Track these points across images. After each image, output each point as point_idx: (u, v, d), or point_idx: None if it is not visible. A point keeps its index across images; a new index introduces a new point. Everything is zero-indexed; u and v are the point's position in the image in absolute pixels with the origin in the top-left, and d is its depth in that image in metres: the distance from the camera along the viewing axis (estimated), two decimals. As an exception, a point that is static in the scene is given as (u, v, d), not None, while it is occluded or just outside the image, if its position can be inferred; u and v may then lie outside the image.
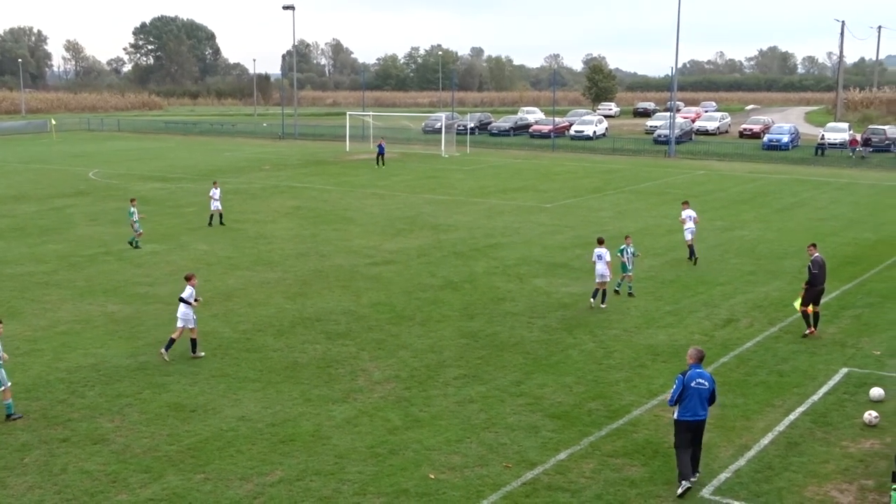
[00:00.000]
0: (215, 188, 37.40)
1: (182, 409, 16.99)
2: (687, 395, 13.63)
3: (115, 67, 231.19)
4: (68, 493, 13.60)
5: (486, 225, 37.49)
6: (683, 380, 13.64)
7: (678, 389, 13.64)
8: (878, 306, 24.91)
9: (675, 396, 13.70)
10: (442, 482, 14.09)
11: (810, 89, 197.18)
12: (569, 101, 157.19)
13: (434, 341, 21.34)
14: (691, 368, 13.82)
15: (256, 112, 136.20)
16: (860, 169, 62.28)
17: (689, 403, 13.65)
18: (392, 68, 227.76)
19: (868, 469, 14.71)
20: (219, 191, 37.31)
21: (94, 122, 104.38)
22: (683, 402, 13.66)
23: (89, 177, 53.96)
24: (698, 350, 14.16)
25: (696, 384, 13.67)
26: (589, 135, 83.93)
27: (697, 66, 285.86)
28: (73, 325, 22.39)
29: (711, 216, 39.72)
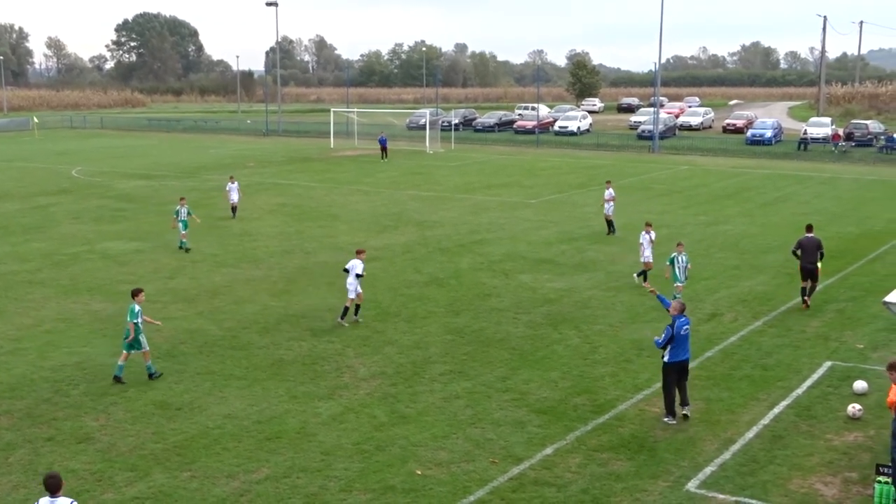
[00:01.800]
0: (232, 182, 38.62)
1: (168, 407, 16.95)
2: (676, 341, 16.08)
3: (97, 65, 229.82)
4: (53, 493, 13.53)
5: (471, 221, 37.51)
6: (672, 329, 15.99)
7: (668, 336, 16.00)
8: (861, 300, 25.07)
9: (664, 342, 16.07)
10: (428, 478, 14.11)
11: (793, 84, 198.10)
12: (553, 96, 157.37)
13: (420, 337, 21.35)
14: (676, 319, 16.11)
15: (240, 109, 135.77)
16: (843, 163, 62.63)
17: (678, 348, 16.17)
18: (376, 64, 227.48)
19: (852, 462, 14.82)
20: (236, 184, 38.62)
21: (77, 120, 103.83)
22: (673, 349, 16.10)
23: (72, 175, 53.69)
24: (681, 303, 16.78)
25: (683, 331, 16.14)
26: (573, 130, 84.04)
27: (681, 61, 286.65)
28: (57, 324, 22.29)
29: (695, 211, 39.88)
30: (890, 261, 30.43)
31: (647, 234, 26.59)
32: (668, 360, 16.18)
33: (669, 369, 16.26)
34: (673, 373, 16.25)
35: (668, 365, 16.24)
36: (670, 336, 16.01)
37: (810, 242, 24.25)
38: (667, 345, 16.09)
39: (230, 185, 38.60)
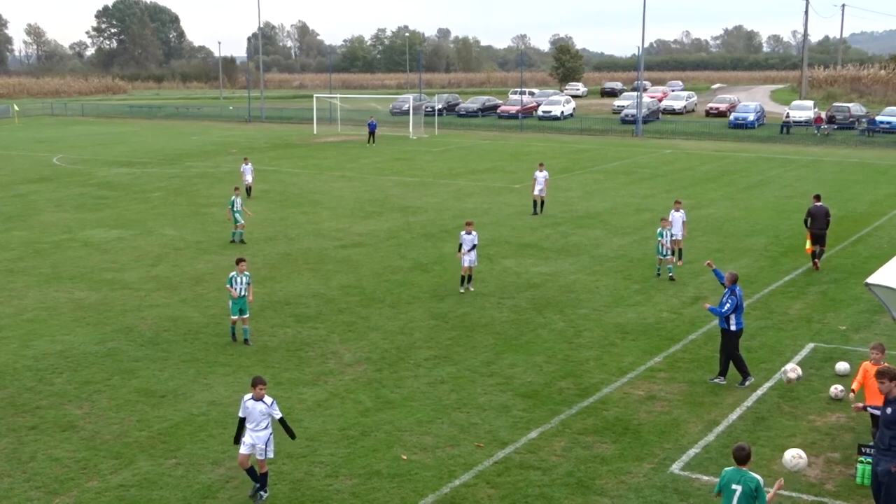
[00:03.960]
0: (246, 164, 39.71)
1: (152, 394, 16.90)
2: (739, 309, 17.12)
3: (77, 51, 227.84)
4: (38, 481, 13.50)
5: (455, 206, 37.49)
6: (737, 298, 17.03)
7: (734, 304, 16.99)
8: (843, 282, 25.21)
9: (731, 309, 16.99)
10: (414, 463, 14.14)
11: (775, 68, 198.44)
12: (536, 81, 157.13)
13: (404, 323, 21.35)
14: (735, 288, 17.12)
15: (222, 95, 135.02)
16: (825, 146, 62.88)
17: (741, 315, 17.31)
18: (359, 50, 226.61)
19: (834, 442, 14.94)
20: (250, 166, 39.60)
21: (58, 107, 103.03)
22: (738, 316, 17.16)
23: (53, 162, 53.31)
24: (734, 273, 17.54)
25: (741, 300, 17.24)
26: (556, 115, 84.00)
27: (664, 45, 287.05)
28: (39, 313, 22.17)
29: (679, 195, 39.89)
30: (872, 243, 30.63)
31: (677, 211, 27.08)
32: (735, 328, 17.23)
33: (734, 337, 17.28)
34: (736, 340, 17.30)
35: (734, 332, 17.25)
36: (736, 304, 17.01)
37: (819, 210, 26.52)
38: (731, 313, 17.04)
39: (244, 167, 39.58)
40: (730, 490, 10.67)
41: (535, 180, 35.90)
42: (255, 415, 12.78)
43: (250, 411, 12.80)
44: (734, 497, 10.60)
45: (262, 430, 12.81)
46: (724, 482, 10.79)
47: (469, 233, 23.78)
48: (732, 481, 10.71)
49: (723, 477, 10.87)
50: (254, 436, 12.80)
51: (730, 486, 10.70)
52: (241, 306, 19.67)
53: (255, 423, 12.80)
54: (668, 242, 25.40)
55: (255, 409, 12.76)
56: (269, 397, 12.90)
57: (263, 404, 12.78)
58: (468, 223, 24.30)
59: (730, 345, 17.37)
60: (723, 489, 10.80)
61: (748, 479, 10.62)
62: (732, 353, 17.40)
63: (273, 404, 12.88)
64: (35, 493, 13.18)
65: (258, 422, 12.79)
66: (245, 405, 12.83)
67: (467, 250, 23.68)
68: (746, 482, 10.60)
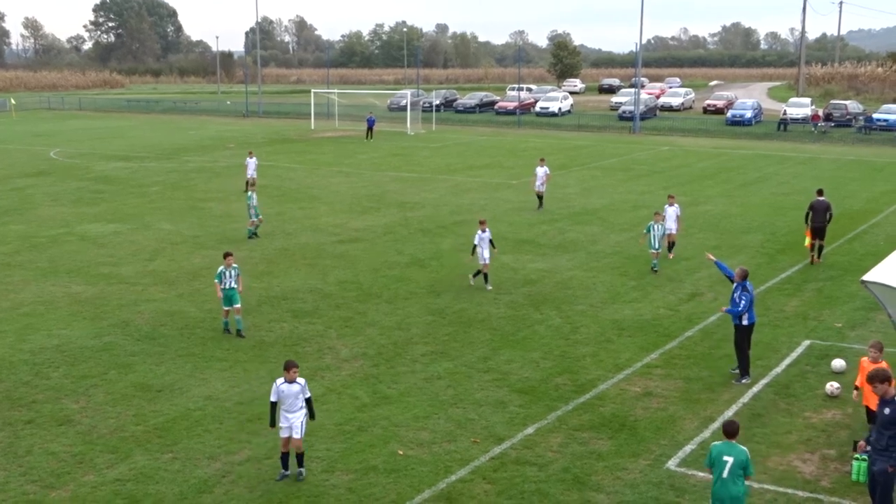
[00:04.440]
0: (251, 157, 39.53)
1: (148, 389, 16.90)
2: (751, 303, 17.36)
3: (75, 45, 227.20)
4: (34, 475, 13.51)
5: (452, 202, 37.48)
6: (749, 293, 17.25)
7: (749, 300, 17.22)
8: (839, 279, 25.25)
9: (747, 306, 17.19)
10: (410, 458, 14.16)
11: (773, 65, 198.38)
12: (534, 77, 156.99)
13: (401, 318, 21.36)
14: (746, 283, 17.29)
15: (220, 90, 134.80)
16: (822, 144, 62.91)
17: (752, 311, 17.49)
18: (357, 45, 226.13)
19: (830, 439, 14.97)
20: (254, 160, 39.38)
21: (55, 101, 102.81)
22: (750, 311, 17.34)
23: (50, 156, 53.22)
24: (744, 268, 17.69)
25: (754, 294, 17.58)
26: (554, 111, 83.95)
27: (662, 42, 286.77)
28: (36, 307, 22.15)
29: (676, 191, 39.83)
30: (868, 240, 30.67)
31: (671, 206, 27.40)
32: (746, 322, 17.40)
33: (747, 331, 17.48)
34: (749, 334, 17.52)
35: (746, 327, 17.45)
36: (751, 299, 17.30)
37: (820, 205, 26.95)
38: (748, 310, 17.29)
39: (248, 160, 39.56)
40: (721, 462, 11.40)
41: (535, 176, 36.11)
42: (289, 397, 13.25)
43: (285, 394, 13.25)
44: (726, 468, 11.36)
45: (296, 412, 13.28)
46: (715, 455, 11.52)
47: (483, 230, 23.84)
48: (723, 454, 11.45)
49: (712, 450, 11.60)
50: (290, 417, 13.27)
51: (721, 457, 11.43)
52: (232, 297, 19.88)
53: (290, 405, 13.26)
54: (659, 236, 25.62)
55: (289, 392, 13.24)
56: (300, 378, 13.39)
57: (298, 385, 13.30)
58: (482, 222, 24.35)
59: (741, 339, 17.54)
60: (714, 462, 11.51)
61: (738, 452, 11.43)
62: (741, 347, 17.57)
63: (305, 385, 13.42)
64: (31, 486, 13.19)
65: (293, 403, 13.25)
66: (279, 389, 13.28)
67: (483, 248, 23.77)
68: (737, 454, 11.41)
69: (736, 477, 11.37)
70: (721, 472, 11.39)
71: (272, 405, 13.46)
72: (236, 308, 20.01)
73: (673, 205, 27.51)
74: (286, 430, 13.34)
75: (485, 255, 23.82)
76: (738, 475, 11.37)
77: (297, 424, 13.29)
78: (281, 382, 13.34)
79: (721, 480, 11.40)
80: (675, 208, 27.47)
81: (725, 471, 11.36)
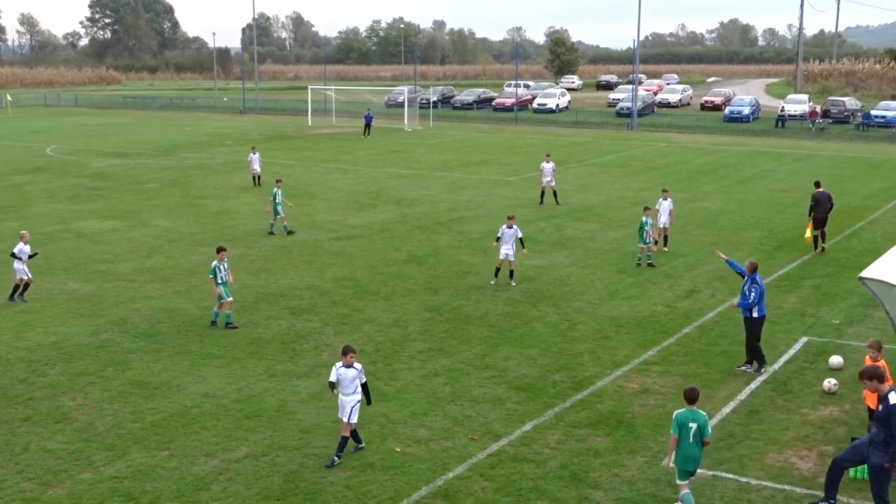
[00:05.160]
0: (254, 153, 40.33)
1: (145, 386, 16.87)
2: (763, 296, 17.54)
3: (71, 41, 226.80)
4: (31, 473, 13.48)
5: (449, 199, 37.46)
6: (759, 286, 17.46)
7: (759, 292, 17.40)
8: (836, 276, 25.25)
9: (757, 299, 17.38)
10: (408, 455, 14.14)
11: (771, 61, 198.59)
12: (532, 74, 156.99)
13: (398, 315, 21.33)
14: (756, 276, 17.49)
15: (217, 86, 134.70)
16: (820, 140, 62.92)
17: (763, 303, 17.65)
18: (354, 42, 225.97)
19: (827, 435, 14.97)
20: (257, 155, 40.28)
21: (51, 98, 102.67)
22: (760, 304, 17.50)
23: (47, 153, 53.13)
24: (752, 261, 17.86)
25: (763, 286, 17.71)
26: (552, 108, 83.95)
27: (659, 38, 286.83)
28: (32, 304, 22.10)
29: (673, 188, 39.81)
30: (866, 237, 30.68)
31: (665, 200, 27.62)
32: (757, 315, 17.58)
33: (757, 324, 17.67)
34: (759, 327, 17.72)
35: (757, 319, 17.62)
36: (761, 291, 17.48)
37: (822, 196, 28.12)
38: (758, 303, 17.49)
39: (252, 156, 40.15)
40: (687, 428, 12.24)
41: (541, 171, 36.19)
42: (346, 380, 13.75)
43: (343, 378, 13.76)
44: (691, 433, 12.22)
45: (351, 395, 13.78)
46: (682, 422, 12.26)
47: (510, 227, 23.80)
48: (688, 420, 12.26)
49: (679, 418, 12.30)
50: (344, 400, 13.80)
51: (686, 424, 12.25)
52: (227, 291, 20.23)
53: (346, 389, 13.78)
54: (650, 230, 25.84)
55: (346, 376, 13.76)
56: (357, 363, 13.84)
57: (354, 370, 13.79)
58: (510, 217, 24.24)
59: (752, 332, 17.74)
60: (681, 428, 12.24)
61: (699, 416, 12.31)
62: (751, 340, 17.77)
63: (362, 370, 13.92)
64: (28, 484, 13.16)
65: (348, 387, 13.77)
66: (337, 372, 13.78)
67: (508, 244, 23.74)
68: (699, 418, 12.27)
69: (697, 441, 12.22)
70: (687, 437, 12.18)
71: (331, 384, 13.96)
72: (229, 302, 20.23)
73: (667, 199, 27.75)
74: (341, 412, 13.89)
75: (505, 250, 23.74)
76: (698, 439, 12.21)
77: (349, 408, 13.75)
78: (339, 366, 13.79)
79: (687, 445, 12.20)
80: (669, 202, 27.75)
81: (691, 436, 12.18)
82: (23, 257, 22.23)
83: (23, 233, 23.07)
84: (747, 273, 17.74)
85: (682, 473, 12.33)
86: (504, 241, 23.78)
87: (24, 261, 22.24)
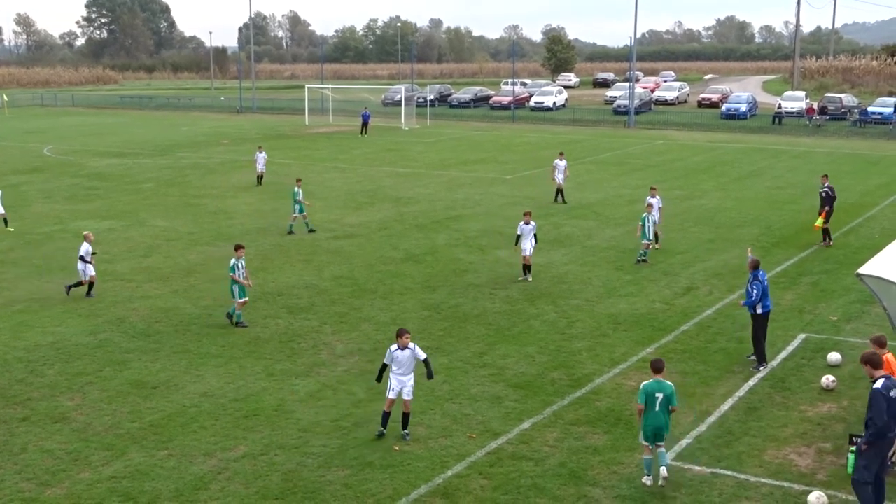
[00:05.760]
0: (260, 152, 40.64)
1: (144, 386, 16.86)
2: (765, 293, 17.61)
3: (67, 41, 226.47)
4: (29, 473, 13.47)
5: (447, 197, 37.45)
6: (761, 283, 17.52)
7: (760, 290, 17.49)
8: (834, 272, 25.27)
9: (759, 296, 17.47)
10: (406, 454, 14.14)
11: (767, 58, 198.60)
12: (529, 72, 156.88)
13: (396, 314, 21.33)
14: (758, 273, 17.63)
15: (213, 86, 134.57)
16: (817, 137, 62.96)
17: (767, 299, 17.74)
18: (351, 40, 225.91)
19: (825, 432, 14.98)
20: (263, 154, 40.47)
21: (48, 98, 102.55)
22: (764, 299, 17.58)
23: (44, 153, 53.08)
24: (754, 258, 18.23)
25: (766, 282, 17.82)
26: (549, 106, 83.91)
27: (656, 36, 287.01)
28: (30, 304, 22.09)
29: (671, 185, 39.97)
30: (863, 233, 30.69)
31: (653, 197, 27.60)
32: (761, 311, 17.69)
33: (763, 319, 17.78)
34: (764, 323, 17.82)
35: (761, 315, 17.72)
36: (763, 288, 17.59)
37: (833, 189, 28.73)
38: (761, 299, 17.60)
39: (258, 155, 40.39)
40: (653, 398, 12.98)
41: (554, 168, 36.37)
42: (401, 361, 14.42)
43: (398, 359, 14.41)
44: (657, 403, 12.98)
45: (407, 375, 14.47)
46: (649, 392, 13.00)
47: (528, 223, 23.93)
48: (655, 391, 13.00)
49: (645, 389, 13.04)
50: (401, 380, 14.47)
51: (653, 395, 12.98)
52: (243, 289, 20.42)
53: (402, 369, 14.44)
54: (651, 227, 26.00)
55: (402, 357, 14.41)
56: (412, 343, 14.48)
57: (409, 350, 14.41)
58: (526, 213, 24.41)
59: (758, 328, 17.86)
60: (648, 398, 12.99)
61: (666, 387, 13.05)
62: (756, 336, 17.88)
63: (416, 348, 14.52)
64: (26, 484, 13.15)
65: (404, 367, 14.44)
66: (392, 354, 14.43)
67: (526, 239, 23.90)
68: (665, 389, 13.02)
69: (664, 409, 12.99)
70: (654, 406, 12.96)
71: (383, 366, 14.63)
72: (240, 302, 20.36)
73: (655, 196, 27.80)
74: (394, 392, 14.46)
75: (525, 245, 23.89)
76: (665, 408, 12.98)
77: (408, 387, 14.48)
78: (395, 349, 14.41)
79: (653, 413, 12.97)
80: (657, 199, 27.80)
81: (657, 405, 12.97)
82: (87, 257, 22.49)
83: (86, 233, 23.31)
84: (749, 270, 17.92)
85: (646, 438, 13.08)
86: (524, 236, 23.94)
87: (89, 261, 22.54)
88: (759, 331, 17.95)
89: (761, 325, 17.92)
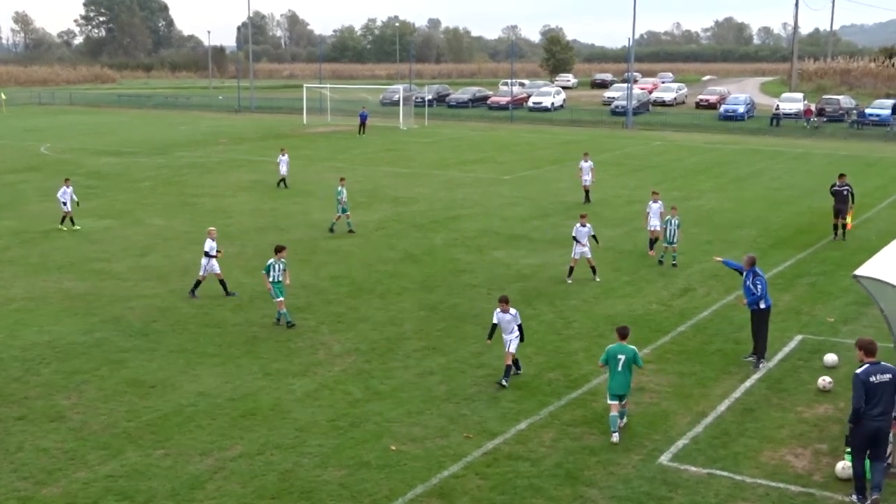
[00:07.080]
0: (283, 154, 39.94)
1: (140, 385, 16.85)
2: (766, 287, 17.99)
3: (65, 40, 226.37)
4: (25, 472, 13.46)
5: (445, 197, 37.45)
6: (762, 280, 17.85)
7: (764, 286, 17.84)
8: (831, 274, 25.29)
9: (763, 292, 17.82)
10: (403, 454, 14.14)
11: (765, 60, 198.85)
12: (527, 72, 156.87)
13: (394, 314, 21.32)
14: (756, 270, 17.88)
15: (212, 85, 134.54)
16: (814, 139, 63.01)
17: (768, 294, 18.05)
18: (349, 40, 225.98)
19: (822, 434, 14.99)
20: (286, 157, 39.73)
21: (46, 96, 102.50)
22: (766, 295, 17.93)
23: (41, 151, 53.05)
24: (751, 256, 18.28)
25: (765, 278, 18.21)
26: (547, 106, 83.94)
27: (654, 37, 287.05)
28: (27, 302, 22.07)
29: (668, 186, 39.97)
30: (861, 235, 30.70)
31: (655, 202, 27.35)
32: (763, 305, 17.95)
33: (765, 314, 18.02)
34: (766, 318, 18.05)
35: (764, 310, 17.96)
36: (765, 284, 17.96)
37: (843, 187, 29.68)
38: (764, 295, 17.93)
39: (281, 157, 39.86)
40: (615, 360, 14.36)
41: (580, 170, 36.40)
42: (505, 322, 16.90)
43: (502, 320, 16.93)
44: (619, 364, 14.34)
45: (510, 334, 16.91)
46: (611, 354, 14.43)
47: (584, 225, 24.04)
48: (617, 353, 14.39)
49: (609, 351, 14.49)
50: (506, 338, 16.94)
51: (615, 356, 14.38)
52: (281, 290, 20.31)
53: (505, 329, 16.92)
54: (674, 229, 25.67)
55: (504, 318, 16.87)
56: (512, 309, 16.88)
57: (510, 315, 16.84)
58: (582, 216, 24.65)
59: (759, 322, 18.03)
60: (609, 359, 14.42)
61: (629, 350, 14.45)
62: (758, 332, 18.07)
63: (517, 314, 16.98)
64: (22, 483, 13.13)
65: (507, 328, 16.90)
66: (498, 316, 16.96)
67: (582, 241, 24.07)
68: (628, 352, 14.40)
69: (626, 370, 14.34)
70: (616, 367, 14.33)
71: (493, 326, 17.15)
72: (280, 301, 20.25)
73: (657, 201, 27.47)
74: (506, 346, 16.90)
75: (580, 248, 24.03)
76: (627, 368, 14.33)
77: (511, 343, 16.86)
78: (499, 312, 16.92)
79: (615, 374, 14.35)
80: (659, 205, 27.40)
81: (619, 366, 14.31)
82: (212, 253, 22.48)
83: (210, 229, 23.16)
84: (746, 268, 17.99)
85: (612, 397, 14.42)
86: (579, 239, 24.04)
87: (213, 256, 22.50)
88: (763, 326, 18.03)
89: (764, 320, 18.03)
